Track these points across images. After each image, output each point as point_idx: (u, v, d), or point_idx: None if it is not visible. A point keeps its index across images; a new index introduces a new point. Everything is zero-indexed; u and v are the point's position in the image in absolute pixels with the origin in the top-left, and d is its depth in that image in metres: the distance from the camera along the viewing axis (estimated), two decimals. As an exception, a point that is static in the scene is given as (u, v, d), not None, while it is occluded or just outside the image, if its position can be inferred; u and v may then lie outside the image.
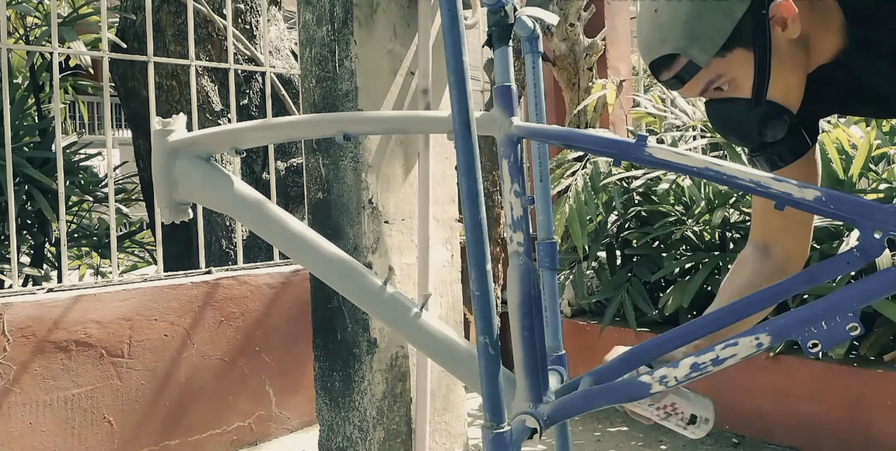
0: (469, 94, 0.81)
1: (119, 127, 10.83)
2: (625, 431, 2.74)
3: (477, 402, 2.91)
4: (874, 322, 2.35)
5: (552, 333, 1.20)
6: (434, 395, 1.90)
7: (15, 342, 2.18)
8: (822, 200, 0.84)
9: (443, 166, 1.97)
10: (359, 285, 1.15)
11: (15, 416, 2.17)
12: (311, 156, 1.87)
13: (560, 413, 0.92)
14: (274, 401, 2.77)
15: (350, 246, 1.79)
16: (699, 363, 0.86)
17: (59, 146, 2.51)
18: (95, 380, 2.33)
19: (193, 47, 2.77)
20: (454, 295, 1.99)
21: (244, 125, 1.22)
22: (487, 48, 1.01)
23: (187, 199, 1.26)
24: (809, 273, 1.00)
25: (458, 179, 0.83)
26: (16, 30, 3.49)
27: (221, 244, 3.43)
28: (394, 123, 1.17)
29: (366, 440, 1.79)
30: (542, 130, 0.98)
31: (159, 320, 2.48)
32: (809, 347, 0.83)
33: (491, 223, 2.80)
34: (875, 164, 2.57)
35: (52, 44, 2.46)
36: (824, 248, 2.36)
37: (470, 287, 0.83)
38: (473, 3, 2.03)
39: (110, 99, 2.68)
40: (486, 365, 0.82)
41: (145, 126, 3.44)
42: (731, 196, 2.68)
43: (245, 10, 3.69)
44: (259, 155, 3.61)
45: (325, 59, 1.83)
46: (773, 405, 2.53)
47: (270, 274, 2.81)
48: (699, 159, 0.88)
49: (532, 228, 1.02)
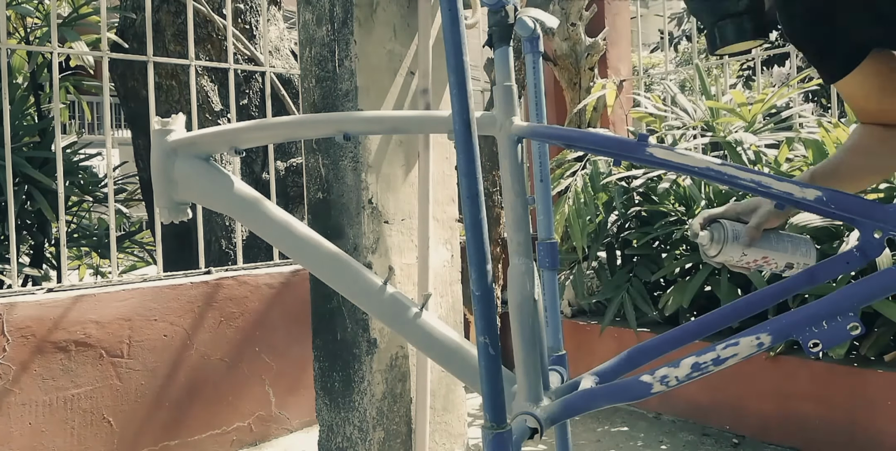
0: (469, 94, 0.81)
1: (119, 127, 10.84)
2: (625, 431, 2.74)
3: (477, 402, 2.91)
4: (874, 322, 2.35)
5: (552, 333, 1.20)
6: (434, 395, 1.90)
7: (14, 343, 2.17)
8: (823, 199, 0.84)
9: (443, 166, 1.96)
10: (359, 285, 1.15)
11: (14, 416, 2.17)
12: (311, 156, 1.87)
13: (560, 413, 0.92)
14: (274, 401, 2.77)
15: (350, 246, 1.79)
16: (700, 363, 0.86)
17: (58, 146, 2.51)
18: (95, 380, 2.33)
19: (193, 47, 2.77)
20: (454, 295, 1.99)
21: (244, 125, 1.22)
22: (488, 48, 1.01)
23: (186, 199, 1.26)
24: (810, 273, 1.00)
25: (458, 179, 0.83)
26: (16, 30, 3.49)
27: (221, 244, 3.43)
28: (394, 123, 1.17)
29: (366, 441, 1.78)
30: (542, 129, 0.98)
31: (159, 320, 2.48)
32: (810, 346, 0.83)
33: (491, 223, 2.80)
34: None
35: (52, 44, 2.46)
36: (824, 248, 2.36)
37: (470, 287, 0.83)
38: (473, 3, 2.03)
39: (110, 99, 2.68)
40: (487, 365, 0.82)
41: (145, 126, 3.44)
42: (732, 196, 2.67)
43: (245, 10, 3.69)
44: (259, 155, 3.61)
45: (324, 59, 1.83)
46: (773, 405, 2.53)
47: (270, 274, 2.80)
48: (700, 159, 0.88)
49: (532, 228, 1.02)
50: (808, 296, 2.30)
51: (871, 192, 2.44)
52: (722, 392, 2.67)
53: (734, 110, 2.83)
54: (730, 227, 1.01)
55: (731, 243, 1.00)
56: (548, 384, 1.00)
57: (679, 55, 10.41)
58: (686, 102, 3.10)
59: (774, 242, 1.01)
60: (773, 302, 1.05)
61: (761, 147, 2.72)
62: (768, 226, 1.01)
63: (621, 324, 3.00)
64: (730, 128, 2.88)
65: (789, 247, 1.01)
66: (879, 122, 1.07)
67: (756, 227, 1.00)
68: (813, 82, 3.12)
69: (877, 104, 1.04)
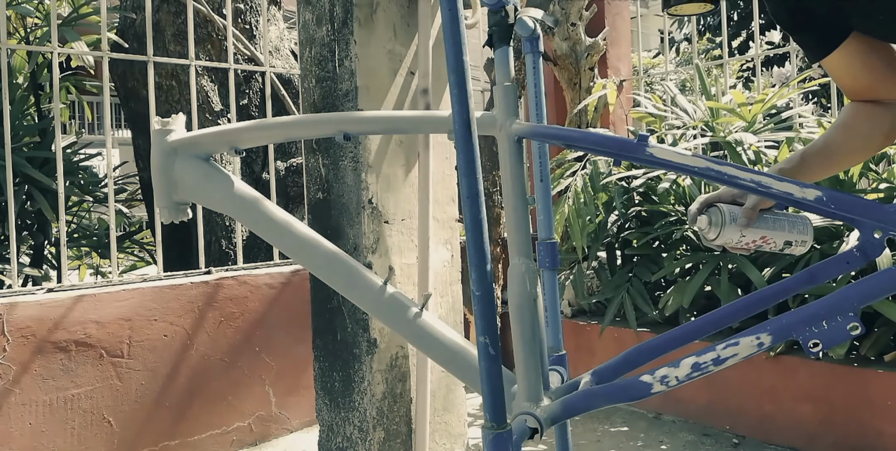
0: (469, 94, 0.81)
1: (119, 127, 10.83)
2: (625, 431, 2.74)
3: (477, 402, 2.91)
4: (874, 322, 2.35)
5: (552, 333, 1.20)
6: (434, 395, 1.90)
7: (15, 343, 2.17)
8: (823, 199, 0.84)
9: (443, 166, 1.96)
10: (359, 285, 1.15)
11: (15, 416, 2.17)
12: (311, 156, 1.87)
13: (560, 413, 0.92)
14: (274, 401, 2.77)
15: (350, 246, 1.79)
16: (700, 363, 0.86)
17: (59, 146, 2.51)
18: (95, 380, 2.33)
19: (193, 47, 2.77)
20: (454, 295, 1.99)
21: (244, 125, 1.22)
22: (488, 48, 1.01)
23: (186, 199, 1.26)
24: (810, 273, 1.00)
25: (458, 179, 0.83)
26: (16, 30, 3.49)
27: (221, 244, 3.43)
28: (394, 123, 1.17)
29: (366, 441, 1.78)
30: (542, 129, 0.98)
31: (159, 320, 2.48)
32: (810, 346, 0.83)
33: (491, 223, 2.80)
34: (875, 163, 2.57)
35: (52, 44, 2.46)
36: (824, 248, 2.36)
37: (470, 287, 0.83)
38: (473, 3, 2.03)
39: (110, 99, 2.68)
40: (487, 365, 0.82)
41: (145, 126, 3.44)
42: (732, 196, 2.67)
43: (245, 10, 3.69)
44: (259, 155, 3.61)
45: (324, 59, 1.83)
46: (773, 406, 2.53)
47: (270, 274, 2.80)
48: (700, 159, 0.88)
49: (532, 228, 1.02)
50: (808, 296, 2.30)
51: (871, 192, 2.44)
52: (722, 392, 2.67)
53: (734, 110, 2.83)
54: (727, 209, 1.03)
55: (728, 225, 1.02)
56: (548, 384, 1.00)
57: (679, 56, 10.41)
58: (686, 102, 3.10)
59: (772, 222, 1.03)
60: (773, 302, 1.05)
61: (761, 147, 2.72)
62: (764, 206, 1.03)
63: (621, 324, 3.00)
64: (730, 128, 2.88)
65: (786, 226, 1.03)
66: (867, 99, 1.10)
67: (752, 208, 1.02)
68: (813, 82, 3.12)
69: (863, 82, 1.08)
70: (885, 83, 1.07)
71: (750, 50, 7.59)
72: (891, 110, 1.09)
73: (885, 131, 1.09)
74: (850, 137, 1.10)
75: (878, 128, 1.09)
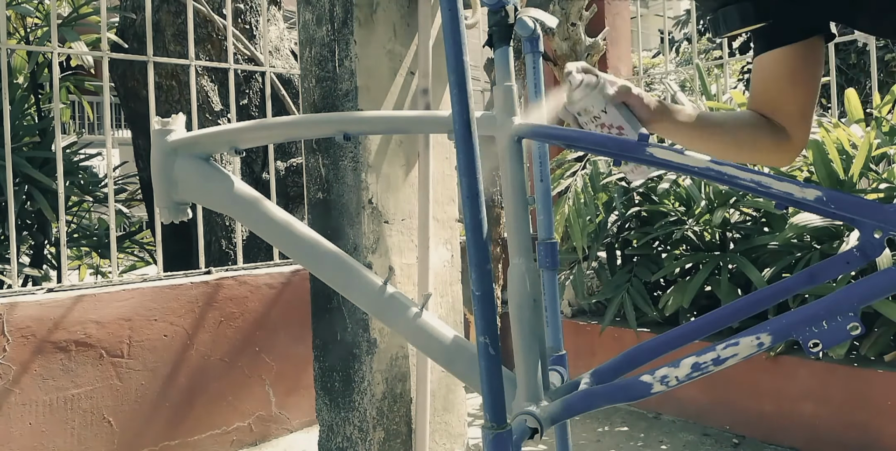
0: (469, 94, 0.81)
1: (119, 127, 10.83)
2: (625, 431, 2.74)
3: (477, 402, 2.91)
4: (874, 322, 2.35)
5: (552, 333, 1.20)
6: (434, 395, 1.90)
7: (15, 343, 2.17)
8: (823, 199, 0.84)
9: (443, 166, 1.96)
10: (359, 285, 1.14)
11: (15, 416, 2.17)
12: (311, 156, 1.87)
13: (560, 413, 0.92)
14: (274, 401, 2.77)
15: (350, 246, 1.78)
16: (700, 363, 0.86)
17: (59, 146, 2.51)
18: (95, 380, 2.33)
19: (193, 47, 2.77)
20: (454, 295, 1.99)
21: (244, 125, 1.22)
22: (488, 48, 1.01)
23: (187, 199, 1.26)
24: (810, 273, 1.00)
25: (458, 179, 0.83)
26: (16, 30, 3.49)
27: (221, 244, 3.43)
28: (394, 123, 1.17)
29: (366, 441, 1.78)
30: (542, 129, 0.98)
31: (159, 320, 2.48)
32: (810, 346, 0.83)
33: (491, 223, 2.80)
34: (875, 163, 2.57)
35: (52, 44, 2.46)
36: (824, 248, 2.36)
37: (470, 287, 0.83)
38: (473, 3, 2.03)
39: (110, 99, 2.68)
40: (487, 365, 0.82)
41: (145, 126, 3.44)
42: (732, 196, 2.67)
43: (245, 10, 3.69)
44: (259, 155, 3.61)
45: (324, 59, 1.83)
46: (773, 405, 2.53)
47: (270, 274, 2.80)
48: (700, 159, 0.88)
49: (532, 228, 1.02)
50: (808, 296, 2.30)
51: (871, 192, 2.44)
52: (722, 392, 2.67)
53: (734, 110, 2.83)
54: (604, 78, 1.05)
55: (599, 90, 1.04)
56: (548, 383, 1.00)
57: (679, 56, 10.42)
58: (686, 101, 3.10)
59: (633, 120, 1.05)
60: (773, 302, 1.05)
61: (761, 147, 2.72)
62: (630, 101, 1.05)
63: (621, 324, 3.00)
64: (730, 128, 2.87)
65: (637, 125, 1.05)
66: (763, 111, 1.11)
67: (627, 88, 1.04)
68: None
69: (776, 92, 1.09)
70: (793, 104, 1.09)
71: (750, 50, 7.59)
72: (775, 132, 1.10)
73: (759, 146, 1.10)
74: (729, 135, 1.11)
75: (753, 140, 1.10)
